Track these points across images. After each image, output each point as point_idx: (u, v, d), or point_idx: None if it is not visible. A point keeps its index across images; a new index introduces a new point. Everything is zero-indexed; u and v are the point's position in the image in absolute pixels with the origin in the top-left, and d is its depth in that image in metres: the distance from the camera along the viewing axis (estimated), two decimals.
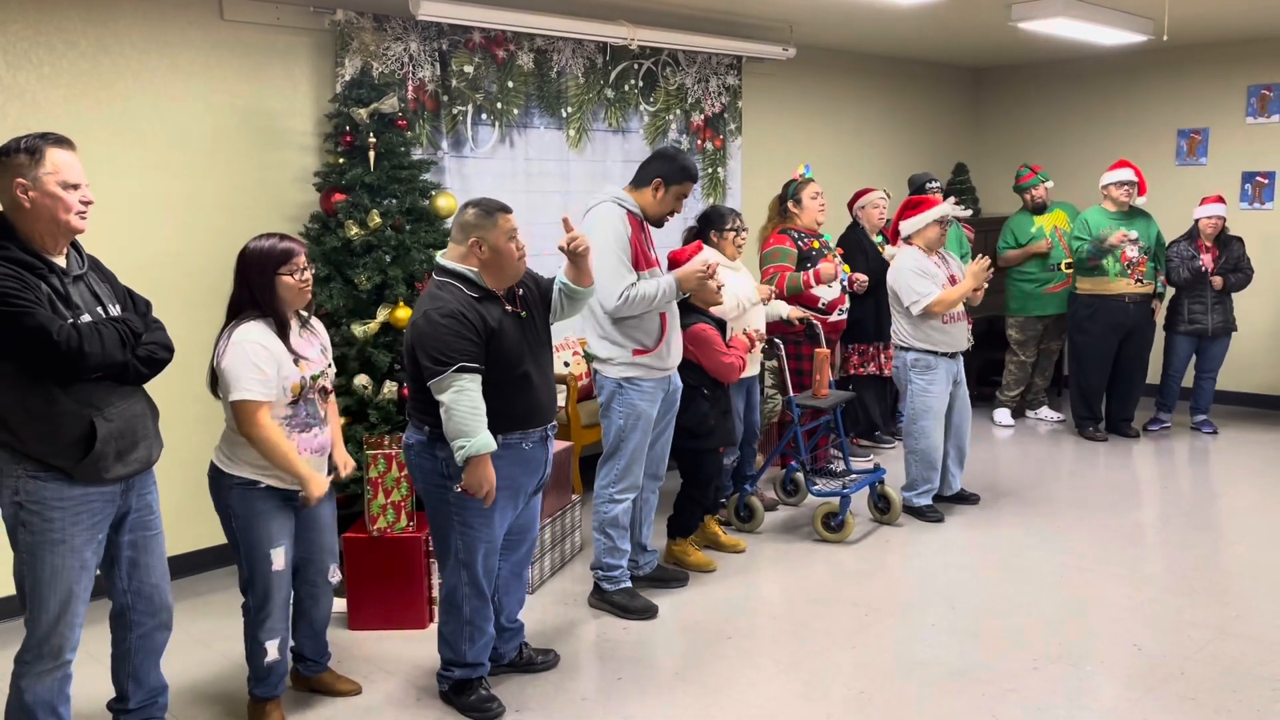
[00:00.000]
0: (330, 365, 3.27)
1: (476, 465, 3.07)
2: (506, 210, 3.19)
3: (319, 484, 3.11)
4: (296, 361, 3.08)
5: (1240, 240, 6.72)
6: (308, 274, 3.13)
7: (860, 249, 6.07)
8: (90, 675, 3.38)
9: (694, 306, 4.34)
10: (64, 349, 2.57)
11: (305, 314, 3.24)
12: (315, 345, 3.22)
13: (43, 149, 2.62)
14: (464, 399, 3.03)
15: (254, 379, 2.97)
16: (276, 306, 3.08)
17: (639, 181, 3.99)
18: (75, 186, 2.66)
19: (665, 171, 3.93)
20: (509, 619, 3.59)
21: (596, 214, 3.92)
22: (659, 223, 4.04)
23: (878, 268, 5.96)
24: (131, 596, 2.94)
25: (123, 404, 2.77)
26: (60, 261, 2.70)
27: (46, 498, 2.67)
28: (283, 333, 3.09)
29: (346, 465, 3.39)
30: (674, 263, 4.33)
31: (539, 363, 3.28)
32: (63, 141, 2.67)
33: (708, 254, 4.34)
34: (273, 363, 3.01)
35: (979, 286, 5.00)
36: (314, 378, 3.13)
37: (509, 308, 3.21)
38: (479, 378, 3.07)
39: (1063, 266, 6.85)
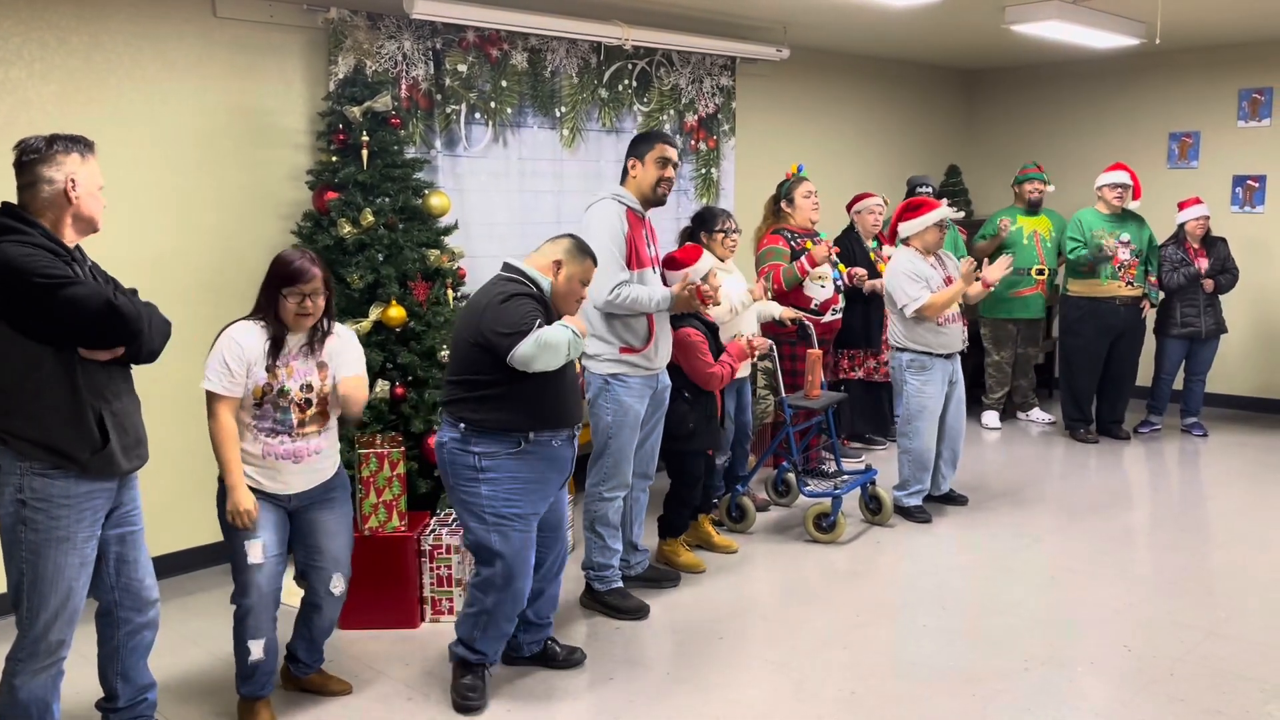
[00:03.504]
0: (320, 381, 3.22)
1: (582, 330, 3.26)
2: (595, 263, 3.44)
3: (240, 499, 3.07)
4: (270, 369, 3.10)
5: (1224, 241, 6.75)
6: (309, 303, 3.12)
7: (853, 253, 6.08)
8: (78, 675, 3.35)
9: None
10: (126, 315, 2.66)
11: (324, 330, 3.22)
12: (312, 359, 3.19)
13: (86, 152, 2.75)
14: (549, 337, 3.15)
15: (218, 372, 3.07)
16: (276, 318, 3.13)
17: (622, 176, 4.07)
18: (101, 188, 2.80)
19: (634, 151, 4.03)
20: (538, 615, 3.62)
21: (595, 210, 3.97)
22: (662, 200, 4.07)
23: (870, 273, 5.98)
24: (119, 593, 2.94)
25: (126, 398, 2.83)
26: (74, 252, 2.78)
27: (53, 495, 2.69)
28: (277, 340, 3.12)
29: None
30: (670, 262, 4.33)
31: (568, 372, 3.41)
32: (93, 146, 2.79)
33: (707, 260, 4.32)
34: (243, 361, 3.07)
35: (970, 287, 5.02)
36: (283, 390, 3.11)
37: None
38: None
39: (1033, 273, 6.85)
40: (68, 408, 2.67)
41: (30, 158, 2.67)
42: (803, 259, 5.36)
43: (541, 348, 3.14)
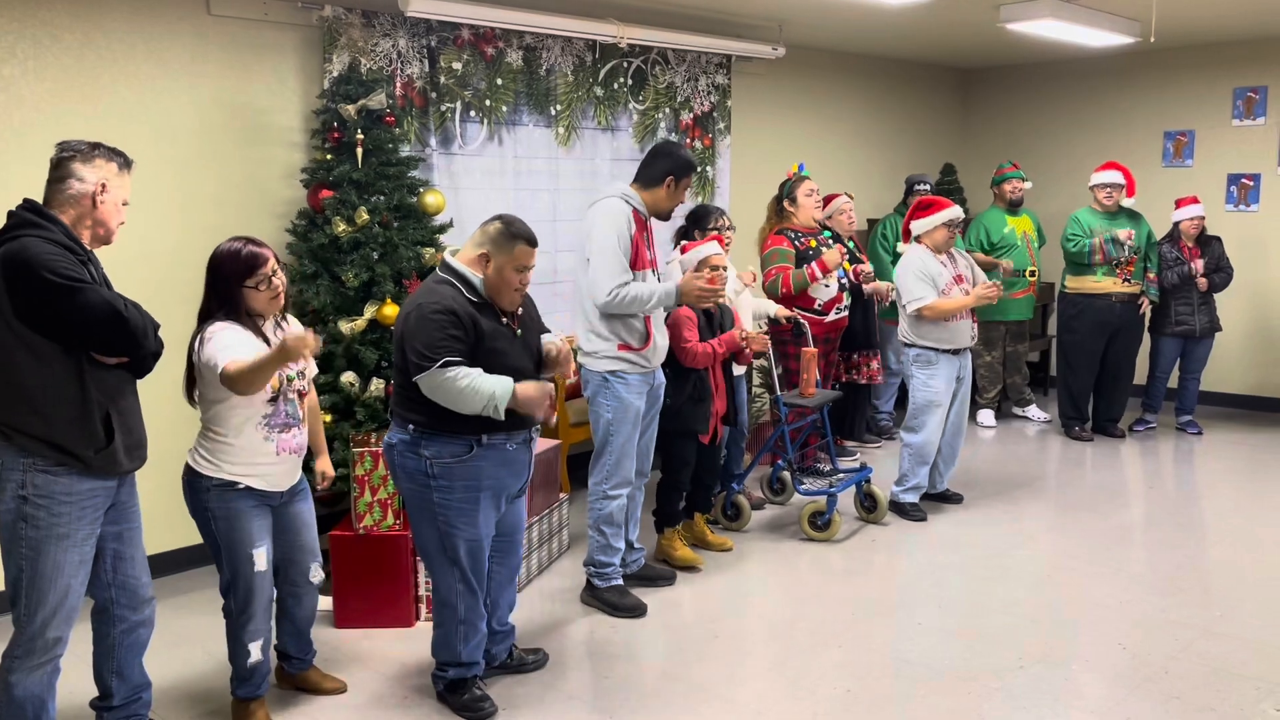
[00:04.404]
0: (307, 366, 3.23)
1: (521, 402, 3.07)
2: (531, 244, 3.19)
3: (295, 342, 2.84)
4: None
5: (1219, 240, 6.75)
6: (276, 280, 3.07)
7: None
8: (73, 674, 3.34)
9: None
10: (132, 325, 2.67)
11: (281, 315, 3.21)
12: None
13: (125, 168, 2.79)
14: (462, 379, 3.01)
15: (232, 346, 2.91)
16: (247, 316, 3.05)
17: (649, 180, 4.01)
18: (126, 204, 2.83)
19: (674, 167, 3.99)
20: (500, 622, 3.58)
21: (602, 208, 3.94)
22: (668, 216, 4.07)
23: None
24: (115, 590, 2.94)
25: (131, 398, 2.84)
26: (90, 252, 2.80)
27: (56, 492, 2.69)
28: (260, 334, 3.09)
29: (326, 477, 3.48)
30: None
31: (524, 373, 3.24)
32: (131, 167, 2.83)
33: (712, 246, 4.32)
34: (249, 345, 2.98)
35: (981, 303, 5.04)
36: (290, 378, 3.11)
37: (503, 321, 3.21)
38: (465, 366, 3.06)
39: (1026, 274, 6.86)
40: (76, 405, 2.68)
41: (69, 154, 2.71)
42: (814, 265, 5.37)
43: (444, 390, 3.01)
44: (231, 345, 2.94)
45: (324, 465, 3.49)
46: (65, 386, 2.67)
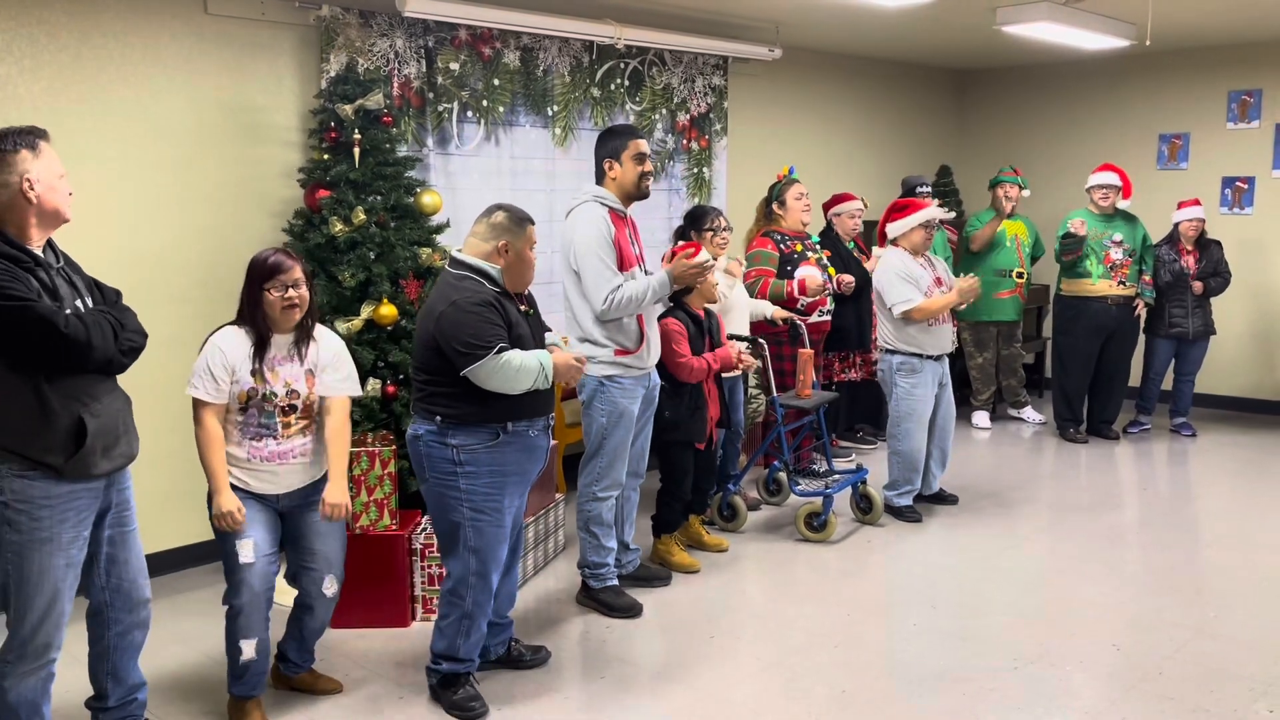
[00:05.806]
0: (314, 391, 3.22)
1: (560, 370, 3.27)
2: (532, 221, 3.38)
3: (223, 501, 3.08)
4: (256, 373, 3.12)
5: (1218, 244, 6.77)
6: (293, 292, 3.13)
7: (836, 255, 6.09)
8: (68, 674, 3.34)
9: (676, 300, 4.33)
10: (72, 339, 2.60)
11: (309, 328, 3.23)
12: (299, 364, 3.20)
13: (39, 143, 2.67)
14: (515, 360, 3.15)
15: (203, 379, 3.10)
16: (258, 319, 3.14)
17: (600, 176, 4.02)
18: (62, 176, 2.72)
19: (608, 151, 3.99)
20: (498, 615, 3.59)
21: (579, 215, 3.94)
22: (645, 194, 4.05)
23: (853, 273, 6.00)
24: (110, 593, 2.92)
25: (106, 398, 2.78)
26: (40, 255, 2.70)
27: (34, 496, 2.65)
28: (261, 343, 3.13)
29: (326, 504, 3.22)
30: (671, 258, 4.34)
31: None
32: (46, 134, 2.71)
33: (702, 255, 4.33)
34: (226, 368, 3.10)
35: (964, 302, 5.05)
36: (266, 395, 3.13)
37: (521, 307, 3.34)
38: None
39: (1014, 275, 6.88)
40: (35, 416, 2.62)
41: None
42: (795, 284, 5.38)
43: (501, 374, 3.12)
44: (199, 374, 3.10)
45: (329, 493, 3.23)
46: (23, 398, 2.60)
